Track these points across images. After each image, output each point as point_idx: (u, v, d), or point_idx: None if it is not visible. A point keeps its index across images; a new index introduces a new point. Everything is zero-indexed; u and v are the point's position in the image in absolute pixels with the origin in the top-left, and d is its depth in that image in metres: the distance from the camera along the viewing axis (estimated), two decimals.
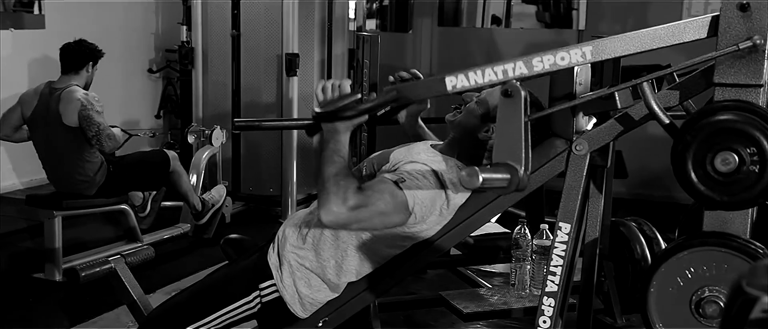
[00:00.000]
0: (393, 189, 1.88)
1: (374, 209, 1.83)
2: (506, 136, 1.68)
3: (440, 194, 1.94)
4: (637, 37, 1.71)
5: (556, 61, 1.72)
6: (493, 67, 1.77)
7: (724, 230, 1.68)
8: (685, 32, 1.68)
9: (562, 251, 1.90)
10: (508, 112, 1.67)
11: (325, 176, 1.81)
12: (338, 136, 1.85)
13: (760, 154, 1.55)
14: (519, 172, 1.66)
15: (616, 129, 1.84)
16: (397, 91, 1.87)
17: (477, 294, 3.26)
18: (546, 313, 1.92)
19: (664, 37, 1.69)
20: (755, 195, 1.57)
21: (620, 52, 1.72)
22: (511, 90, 1.66)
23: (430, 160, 2.00)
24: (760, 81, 1.60)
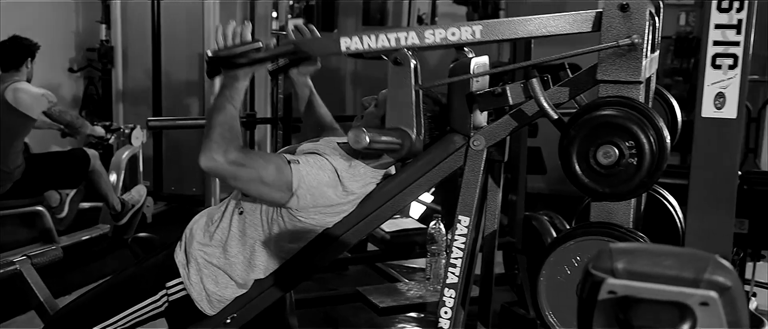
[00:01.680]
0: (282, 165, 1.91)
1: (254, 173, 1.87)
2: (397, 102, 1.76)
3: (333, 186, 1.95)
4: (525, 23, 1.79)
5: (447, 35, 1.81)
6: (387, 33, 1.85)
7: (609, 220, 1.76)
8: (570, 24, 1.76)
9: (462, 243, 1.95)
10: (399, 79, 1.76)
11: (213, 121, 1.86)
12: (236, 83, 1.89)
13: (638, 148, 1.62)
14: (411, 136, 1.73)
15: (511, 124, 1.90)
16: (294, 44, 1.93)
17: (394, 289, 3.31)
18: (447, 304, 1.97)
19: (550, 26, 1.77)
20: (634, 186, 1.65)
21: (509, 34, 1.80)
22: (401, 58, 1.74)
23: (332, 155, 2.03)
24: (639, 78, 1.68)
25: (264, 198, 1.95)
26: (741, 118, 1.60)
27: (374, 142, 1.64)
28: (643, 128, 1.63)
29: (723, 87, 1.60)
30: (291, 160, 1.93)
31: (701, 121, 1.62)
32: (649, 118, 1.65)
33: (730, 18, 1.57)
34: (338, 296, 3.48)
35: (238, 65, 1.89)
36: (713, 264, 0.91)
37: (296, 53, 1.94)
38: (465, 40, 1.80)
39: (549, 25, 1.78)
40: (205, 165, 1.84)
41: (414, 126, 1.70)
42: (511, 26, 1.79)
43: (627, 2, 1.67)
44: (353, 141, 1.61)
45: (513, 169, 3.66)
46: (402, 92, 1.72)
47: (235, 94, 1.91)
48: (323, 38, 2.02)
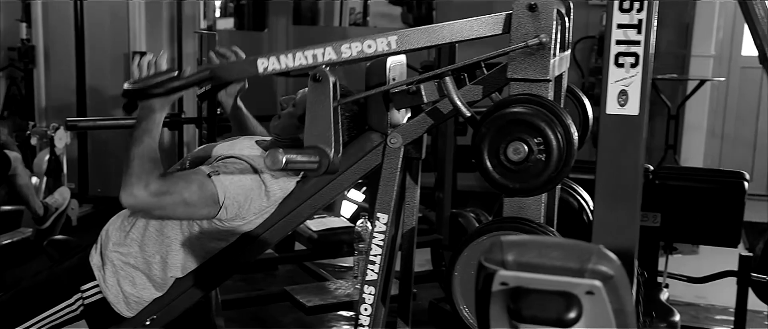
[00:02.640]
0: (203, 181, 1.90)
1: (178, 198, 1.85)
2: (316, 120, 1.75)
3: (258, 190, 1.96)
4: (438, 30, 1.82)
5: (364, 48, 1.82)
6: (304, 52, 1.85)
7: (520, 215, 1.80)
8: (482, 28, 1.79)
9: (381, 240, 1.97)
10: (317, 96, 1.76)
11: (131, 155, 1.83)
12: (153, 115, 1.87)
13: (546, 144, 1.67)
14: (329, 155, 1.74)
15: (427, 122, 1.93)
16: (211, 70, 1.92)
17: (322, 288, 3.32)
18: (367, 301, 1.99)
19: (463, 32, 1.80)
20: (543, 181, 1.69)
21: (423, 43, 1.82)
22: (320, 75, 1.74)
23: (251, 156, 2.03)
24: (548, 76, 1.72)
25: (193, 217, 1.94)
26: (643, 115, 1.66)
27: (291, 162, 1.64)
28: (550, 125, 1.67)
29: (626, 85, 1.65)
30: (211, 173, 1.92)
31: (606, 117, 1.67)
32: (557, 115, 1.70)
33: (631, 18, 1.62)
34: (266, 296, 3.47)
35: (153, 95, 1.87)
36: (597, 254, 0.95)
37: (213, 79, 1.92)
38: (382, 52, 1.82)
39: (461, 31, 1.81)
40: (127, 202, 1.83)
41: (332, 143, 1.70)
42: (425, 35, 1.81)
43: (535, 2, 1.71)
44: (270, 163, 1.60)
45: (440, 167, 3.70)
46: (321, 109, 1.72)
47: (152, 127, 1.88)
48: (240, 62, 2.02)
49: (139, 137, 1.86)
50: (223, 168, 1.93)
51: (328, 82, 1.72)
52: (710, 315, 3.78)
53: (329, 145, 1.71)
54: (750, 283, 2.83)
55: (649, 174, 2.69)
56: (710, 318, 3.73)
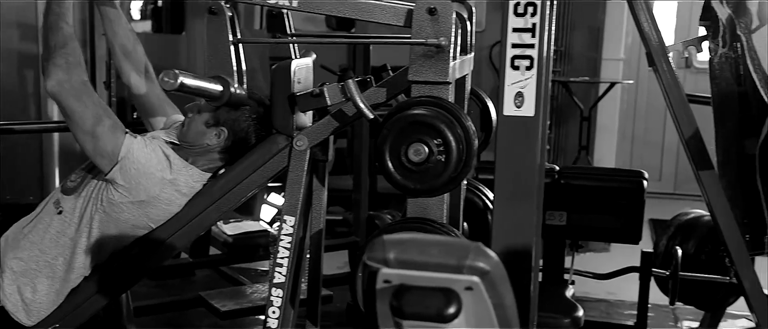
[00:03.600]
0: (116, 127, 1.90)
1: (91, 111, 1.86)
2: (216, 52, 1.85)
3: (160, 169, 1.93)
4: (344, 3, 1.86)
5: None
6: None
7: (424, 215, 1.83)
8: (383, 14, 1.83)
9: (288, 243, 1.98)
10: (215, 28, 1.83)
11: (51, 43, 1.83)
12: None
13: (445, 145, 1.70)
14: (231, 84, 1.79)
15: (332, 124, 1.95)
16: None
17: (238, 292, 3.30)
18: (275, 304, 1.99)
19: (365, 11, 1.85)
20: (443, 182, 1.72)
21: (326, 9, 1.91)
22: (216, 8, 1.79)
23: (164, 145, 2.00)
24: (447, 78, 1.76)
25: (88, 151, 1.90)
26: (539, 116, 1.70)
27: (188, 84, 1.68)
28: (450, 126, 1.71)
29: (522, 87, 1.69)
30: (128, 131, 1.91)
31: (503, 119, 1.71)
32: (457, 117, 1.74)
33: (526, 22, 1.67)
34: (180, 301, 3.43)
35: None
36: (474, 251, 0.98)
37: None
38: (283, 6, 1.86)
39: (363, 9, 1.85)
40: (53, 88, 1.83)
41: (234, 75, 1.75)
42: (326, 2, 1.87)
43: (434, 6, 1.74)
44: (164, 83, 1.63)
45: (357, 170, 3.73)
46: (220, 42, 1.79)
47: (63, 11, 1.87)
48: None
49: (55, 23, 1.87)
50: (139, 137, 1.93)
51: (224, 15, 1.77)
52: (619, 310, 3.91)
53: (231, 75, 1.76)
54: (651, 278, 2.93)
55: (555, 175, 2.77)
56: (620, 313, 3.86)
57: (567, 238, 2.84)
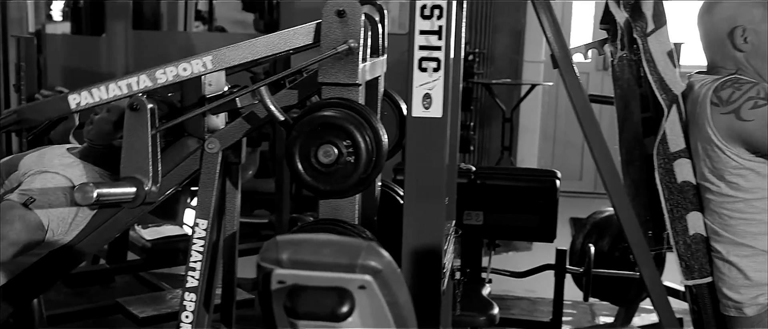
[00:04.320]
0: (23, 214, 1.83)
1: (6, 242, 1.78)
2: (133, 149, 1.73)
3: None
4: (253, 45, 1.84)
5: (179, 72, 1.81)
6: (118, 82, 1.82)
7: (336, 217, 1.84)
8: (294, 39, 1.83)
9: (201, 247, 1.96)
10: (135, 125, 1.73)
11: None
12: None
13: (355, 146, 1.71)
14: (145, 185, 1.72)
15: (244, 126, 1.94)
16: (18, 113, 1.85)
17: (157, 298, 3.26)
18: (188, 309, 1.97)
19: (277, 44, 1.83)
20: (353, 183, 1.73)
21: (239, 60, 1.83)
22: (137, 104, 1.71)
23: (63, 167, 1.96)
24: (357, 80, 1.77)
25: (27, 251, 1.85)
26: (446, 117, 1.73)
27: (103, 196, 1.61)
28: (359, 128, 1.72)
29: (429, 88, 1.72)
30: (26, 201, 1.84)
31: (412, 120, 1.73)
32: (367, 118, 1.75)
33: (432, 24, 1.69)
34: (98, 308, 3.36)
35: None
36: (366, 250, 0.99)
37: (21, 122, 1.85)
38: (199, 73, 1.82)
39: (277, 44, 1.84)
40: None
41: (150, 174, 1.69)
42: (241, 51, 1.83)
43: (343, 9, 1.76)
44: (79, 198, 1.56)
45: (278, 172, 3.71)
46: (138, 139, 1.71)
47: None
48: (50, 100, 1.93)
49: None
50: (37, 195, 1.86)
51: (145, 110, 1.70)
52: (540, 307, 3.99)
53: (147, 175, 1.69)
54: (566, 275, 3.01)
55: (472, 175, 2.82)
56: (540, 310, 3.94)
57: (484, 237, 2.89)
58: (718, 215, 1.82)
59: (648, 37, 1.83)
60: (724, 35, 1.83)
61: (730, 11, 1.81)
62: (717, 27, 1.84)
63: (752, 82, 1.73)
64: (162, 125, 1.78)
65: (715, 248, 1.84)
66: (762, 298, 1.78)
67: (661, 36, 1.84)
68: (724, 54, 1.85)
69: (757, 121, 1.68)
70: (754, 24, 1.80)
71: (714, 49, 1.87)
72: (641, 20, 1.83)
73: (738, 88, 1.72)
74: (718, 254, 1.83)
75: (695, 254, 1.85)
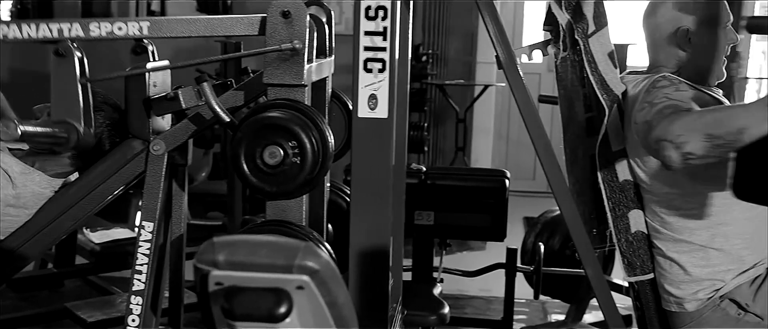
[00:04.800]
0: None
1: None
2: (63, 95, 1.75)
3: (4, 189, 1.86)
4: (193, 22, 1.83)
5: (114, 30, 1.81)
6: (49, 24, 1.81)
7: (283, 218, 1.84)
8: (237, 26, 1.82)
9: (147, 249, 1.95)
10: (63, 71, 1.75)
11: None
12: None
13: (300, 147, 1.71)
14: (78, 129, 1.72)
15: (190, 128, 1.92)
16: None
17: (106, 302, 3.21)
18: (134, 312, 1.95)
19: (217, 27, 1.83)
20: (299, 184, 1.73)
21: (176, 32, 1.84)
22: (64, 50, 1.72)
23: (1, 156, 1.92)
24: (302, 81, 1.77)
25: None
26: (392, 118, 1.74)
27: (30, 134, 1.60)
28: (305, 129, 1.72)
29: (375, 89, 1.72)
30: None
31: (358, 121, 1.73)
32: (312, 119, 1.75)
33: (377, 25, 1.70)
34: (46, 313, 3.30)
35: None
36: (303, 250, 0.99)
37: None
38: (133, 35, 1.82)
39: (217, 26, 1.83)
40: None
41: (81, 119, 1.68)
42: (179, 25, 1.83)
43: (288, 9, 1.75)
44: (4, 134, 1.55)
45: (230, 174, 3.69)
46: (67, 84, 1.70)
47: None
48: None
49: None
50: None
51: (73, 56, 1.70)
52: (493, 305, 4.02)
53: (78, 119, 1.69)
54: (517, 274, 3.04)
55: (422, 175, 2.83)
56: (493, 309, 3.97)
57: (435, 237, 2.90)
58: (657, 212, 1.85)
59: (589, 38, 1.86)
60: (668, 35, 1.87)
61: (674, 12, 1.85)
62: (661, 28, 1.88)
63: (665, 85, 1.75)
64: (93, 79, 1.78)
65: (656, 245, 1.88)
66: (701, 293, 1.82)
67: (602, 37, 1.88)
68: (667, 53, 1.89)
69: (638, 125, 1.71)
70: (697, 24, 1.84)
71: (658, 48, 1.91)
72: (583, 22, 1.86)
73: (649, 93, 1.75)
74: (658, 251, 1.87)
75: (637, 251, 1.89)
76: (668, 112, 1.65)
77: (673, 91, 1.74)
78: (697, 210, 1.81)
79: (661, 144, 1.57)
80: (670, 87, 1.77)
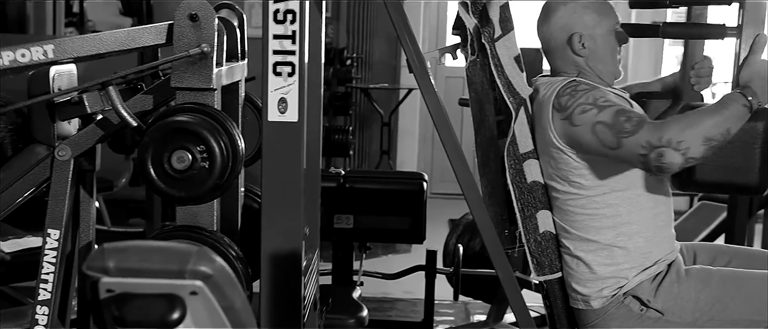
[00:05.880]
0: None
1: None
2: None
3: None
4: (99, 39, 1.80)
5: (17, 57, 1.75)
6: None
7: (195, 223, 1.81)
8: (144, 37, 1.79)
9: (53, 258, 1.90)
10: None
11: None
12: None
13: (209, 152, 1.69)
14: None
15: (97, 133, 1.88)
16: None
17: (17, 313, 3.11)
18: (41, 322, 1.90)
19: (124, 41, 1.79)
20: (208, 189, 1.71)
21: (83, 52, 1.79)
22: None
23: None
24: (211, 85, 1.75)
25: None
26: (303, 121, 1.74)
27: None
28: (214, 133, 1.70)
29: (284, 93, 1.72)
30: None
31: (268, 124, 1.72)
32: (222, 123, 1.73)
33: (286, 29, 1.69)
34: None
35: None
36: (196, 255, 0.98)
37: None
38: (38, 61, 1.76)
39: (125, 40, 1.80)
40: None
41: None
42: (86, 43, 1.79)
43: (196, 12, 1.73)
44: None
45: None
46: None
47: None
48: None
49: None
50: None
51: None
52: (417, 308, 4.05)
53: None
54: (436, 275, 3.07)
55: (341, 179, 2.83)
56: (416, 311, 3.99)
57: (355, 241, 2.91)
58: (564, 212, 1.90)
59: (496, 42, 1.89)
60: (563, 42, 1.92)
61: (565, 19, 1.91)
62: (555, 35, 1.93)
63: (587, 88, 1.82)
64: None
65: (564, 244, 1.92)
66: (606, 291, 1.87)
67: (508, 41, 1.91)
68: (565, 60, 1.94)
69: (583, 126, 1.77)
70: (588, 29, 1.90)
71: (555, 55, 1.96)
72: (489, 26, 1.89)
73: (572, 95, 1.81)
74: (566, 250, 1.92)
75: (545, 251, 1.93)
76: (635, 117, 1.75)
77: (602, 94, 1.81)
78: (603, 210, 1.86)
79: (660, 151, 1.68)
80: (595, 90, 1.83)
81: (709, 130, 1.68)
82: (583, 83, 1.86)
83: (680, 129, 1.68)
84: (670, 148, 1.66)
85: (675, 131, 1.68)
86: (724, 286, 1.85)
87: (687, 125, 1.69)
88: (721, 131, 1.68)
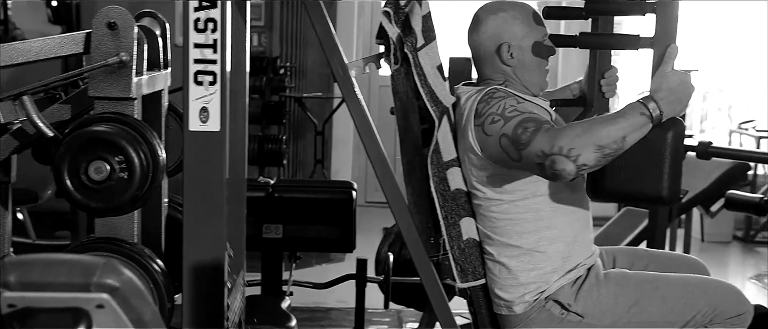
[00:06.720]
0: None
1: None
2: None
3: None
4: (19, 50, 1.76)
5: None
6: None
7: (115, 235, 1.78)
8: (61, 47, 1.76)
9: None
10: None
11: None
12: None
13: (127, 162, 1.67)
14: None
15: (12, 143, 1.84)
16: None
17: None
18: None
19: (39, 51, 1.76)
20: (127, 200, 1.69)
21: (2, 62, 1.73)
22: None
23: None
24: (130, 94, 1.72)
25: None
26: (225, 131, 1.72)
27: None
28: (133, 143, 1.67)
29: (206, 102, 1.70)
30: None
31: (189, 134, 1.70)
32: (141, 133, 1.71)
33: (207, 38, 1.68)
34: None
35: None
36: (102, 268, 0.97)
37: None
38: None
39: (41, 50, 1.77)
40: None
41: None
42: (4, 54, 1.74)
43: (114, 20, 1.71)
44: None
45: None
46: None
47: None
48: None
49: None
50: None
51: None
52: (349, 316, 4.04)
53: None
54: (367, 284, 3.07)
55: (269, 188, 2.82)
56: (348, 320, 3.99)
57: (284, 250, 2.89)
58: (487, 218, 1.92)
59: (418, 51, 1.91)
60: (492, 52, 1.95)
61: (495, 29, 1.93)
62: (485, 44, 1.95)
63: (502, 96, 1.85)
64: None
65: (487, 250, 1.94)
66: (528, 296, 1.90)
67: (431, 50, 1.93)
68: (493, 68, 1.97)
69: (493, 137, 1.80)
70: (517, 40, 1.93)
71: (484, 63, 1.98)
72: (412, 35, 1.91)
73: (487, 103, 1.83)
74: (489, 256, 1.94)
75: (469, 258, 1.95)
76: (532, 126, 1.75)
77: (514, 103, 1.82)
78: (525, 214, 1.89)
79: (552, 158, 1.68)
80: (509, 98, 1.85)
81: (602, 139, 1.67)
82: (500, 91, 1.89)
83: (572, 137, 1.68)
84: (562, 156, 1.66)
85: (567, 139, 1.68)
86: (641, 289, 1.90)
87: (580, 133, 1.69)
88: (614, 139, 1.67)
